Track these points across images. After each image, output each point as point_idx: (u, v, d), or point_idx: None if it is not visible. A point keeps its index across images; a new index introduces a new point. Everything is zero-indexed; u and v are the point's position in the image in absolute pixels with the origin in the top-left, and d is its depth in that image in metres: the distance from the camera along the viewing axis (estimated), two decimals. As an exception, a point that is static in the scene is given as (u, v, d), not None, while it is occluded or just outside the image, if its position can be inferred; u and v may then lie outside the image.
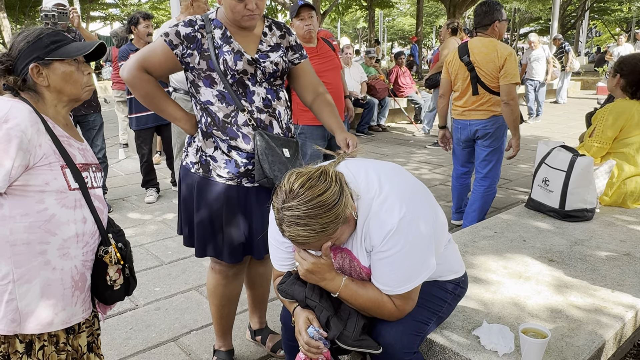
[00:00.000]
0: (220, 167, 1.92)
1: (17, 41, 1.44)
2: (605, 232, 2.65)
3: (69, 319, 1.49)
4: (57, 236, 1.44)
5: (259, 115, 1.91)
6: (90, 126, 4.29)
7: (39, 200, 1.41)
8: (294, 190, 1.34)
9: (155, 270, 3.29)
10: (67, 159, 1.46)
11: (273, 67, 1.93)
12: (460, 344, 1.67)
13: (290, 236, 1.37)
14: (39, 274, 1.42)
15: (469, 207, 3.71)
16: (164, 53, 1.86)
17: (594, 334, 1.72)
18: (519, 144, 3.51)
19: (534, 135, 7.90)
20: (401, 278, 1.45)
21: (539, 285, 2.09)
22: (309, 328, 1.50)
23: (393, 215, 1.40)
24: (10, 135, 1.33)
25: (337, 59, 3.67)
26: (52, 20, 3.81)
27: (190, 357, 2.36)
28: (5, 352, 1.46)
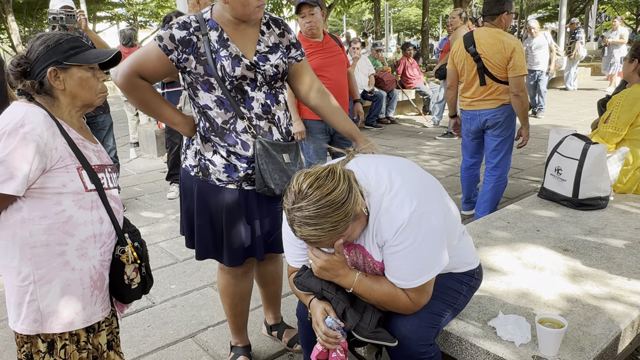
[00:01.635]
0: (219, 172, 1.88)
1: (35, 45, 1.45)
2: (619, 220, 2.63)
3: (89, 318, 1.52)
4: (75, 237, 1.46)
5: (258, 122, 1.87)
6: (100, 127, 4.33)
7: (56, 202, 1.43)
8: (302, 190, 1.35)
9: (170, 268, 3.33)
10: (83, 161, 1.48)
11: (273, 69, 1.88)
12: (477, 335, 1.68)
13: (302, 236, 1.38)
14: (58, 274, 1.45)
15: (480, 197, 3.70)
16: (159, 59, 1.79)
17: (611, 323, 1.72)
18: (528, 133, 3.52)
19: (546, 123, 7.84)
20: (414, 271, 1.46)
21: (553, 275, 2.08)
22: (326, 318, 1.51)
23: (404, 210, 1.41)
24: (27, 139, 1.35)
25: (343, 55, 3.65)
26: (60, 22, 3.83)
27: (208, 353, 2.38)
28: (28, 352, 1.50)
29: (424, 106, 9.40)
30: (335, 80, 3.53)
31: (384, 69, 8.83)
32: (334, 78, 3.52)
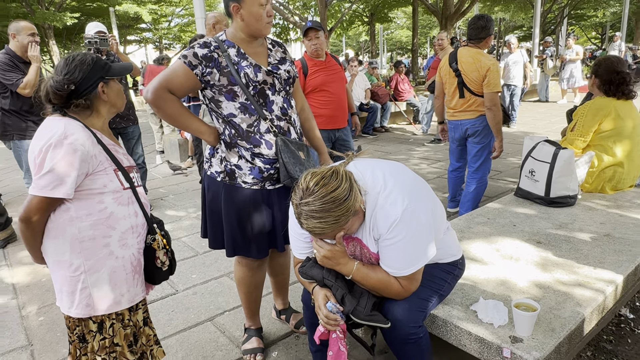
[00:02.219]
0: (245, 174, 1.88)
1: (74, 66, 1.43)
2: (586, 216, 2.62)
3: (132, 298, 1.56)
4: (116, 230, 1.49)
5: (278, 122, 1.89)
6: (130, 136, 4.34)
7: (99, 201, 1.46)
8: (309, 188, 1.35)
9: (191, 260, 3.33)
10: (117, 163, 1.51)
11: (286, 74, 1.93)
12: (460, 318, 1.67)
13: (308, 228, 1.38)
14: (105, 263, 1.48)
15: (464, 196, 3.69)
16: (185, 74, 1.79)
17: (579, 307, 1.71)
18: (502, 145, 3.47)
19: (521, 131, 7.80)
20: (405, 261, 1.46)
21: (528, 265, 2.07)
22: (327, 303, 1.51)
23: (397, 207, 1.41)
24: (72, 148, 1.37)
25: (342, 73, 3.65)
26: (95, 46, 3.84)
27: (225, 335, 2.38)
28: (80, 333, 1.53)
29: (413, 116, 9.37)
30: (336, 95, 3.53)
31: (378, 84, 8.82)
32: (335, 92, 3.52)
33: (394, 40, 42.63)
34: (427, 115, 8.09)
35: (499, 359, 1.52)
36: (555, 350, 1.50)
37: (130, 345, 1.58)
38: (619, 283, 1.90)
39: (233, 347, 2.27)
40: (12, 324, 2.59)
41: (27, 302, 2.84)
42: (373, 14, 20.96)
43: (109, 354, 1.53)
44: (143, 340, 1.65)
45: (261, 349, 2.17)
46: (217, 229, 1.99)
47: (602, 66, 2.90)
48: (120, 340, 1.55)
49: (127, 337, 1.57)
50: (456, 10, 13.42)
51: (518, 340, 1.52)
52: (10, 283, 3.11)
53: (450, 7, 13.43)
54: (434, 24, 32.75)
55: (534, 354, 1.45)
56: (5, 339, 2.45)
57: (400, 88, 9.06)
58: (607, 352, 2.16)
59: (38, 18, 14.79)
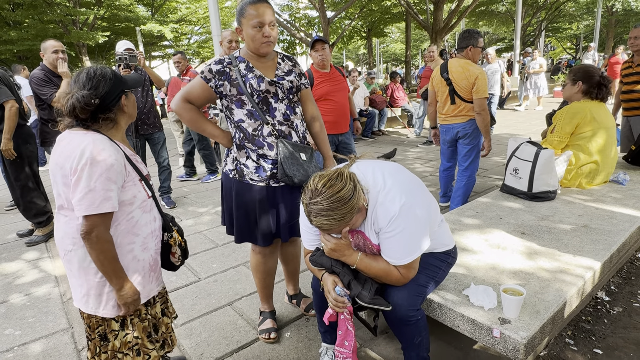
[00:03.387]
0: (251, 173, 1.90)
1: (97, 81, 1.34)
2: (566, 209, 2.59)
3: (147, 294, 1.51)
4: (139, 236, 1.43)
5: (280, 127, 1.89)
6: (156, 142, 4.35)
7: (128, 212, 1.39)
8: (318, 189, 1.34)
9: (212, 251, 3.33)
10: (140, 173, 1.44)
11: (289, 84, 1.92)
12: (454, 302, 1.66)
13: (317, 224, 1.38)
14: (128, 267, 1.41)
15: (454, 193, 3.66)
16: (201, 86, 1.86)
17: (561, 291, 1.70)
18: (490, 145, 3.45)
19: (505, 133, 7.74)
20: (404, 252, 1.45)
21: (514, 254, 2.06)
22: (335, 288, 1.51)
23: (395, 204, 1.40)
24: (109, 164, 1.29)
25: (345, 83, 3.64)
26: (125, 62, 3.84)
27: (243, 318, 2.38)
28: (102, 332, 1.46)
29: (408, 121, 9.34)
30: (340, 103, 3.52)
31: (374, 90, 8.78)
32: (339, 101, 3.51)
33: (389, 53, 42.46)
34: (419, 120, 8.05)
35: (489, 339, 1.51)
36: (540, 330, 1.49)
37: (149, 336, 1.54)
38: (596, 269, 1.88)
39: (250, 329, 2.27)
40: (55, 309, 2.61)
41: (67, 290, 2.85)
42: (370, 29, 20.88)
43: (132, 348, 1.48)
44: (163, 329, 1.62)
45: (275, 329, 2.17)
46: (231, 218, 2.02)
47: (581, 73, 2.87)
48: (139, 333, 1.50)
49: (145, 329, 1.53)
50: (445, 25, 13.34)
51: (506, 322, 1.50)
52: (52, 273, 3.13)
53: (440, 23, 13.35)
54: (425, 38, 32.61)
55: (521, 334, 1.44)
56: (49, 322, 2.46)
57: (396, 95, 9.04)
58: (585, 331, 2.14)
59: (73, 37, 14.88)
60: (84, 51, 16.28)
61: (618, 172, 3.11)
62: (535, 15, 23.19)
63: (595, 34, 19.27)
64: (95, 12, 15.54)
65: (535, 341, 1.47)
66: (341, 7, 14.19)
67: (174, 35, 20.22)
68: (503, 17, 23.89)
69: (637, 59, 3.68)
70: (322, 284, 1.59)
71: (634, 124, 3.75)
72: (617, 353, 1.97)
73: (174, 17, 20.21)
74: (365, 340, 2.09)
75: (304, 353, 2.05)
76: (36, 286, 2.92)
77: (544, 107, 10.42)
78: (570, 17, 25.93)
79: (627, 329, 2.14)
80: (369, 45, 23.01)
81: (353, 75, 7.60)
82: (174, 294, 2.68)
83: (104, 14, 16.46)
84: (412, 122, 8.84)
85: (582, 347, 2.03)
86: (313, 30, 17.23)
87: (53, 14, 14.12)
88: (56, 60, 3.50)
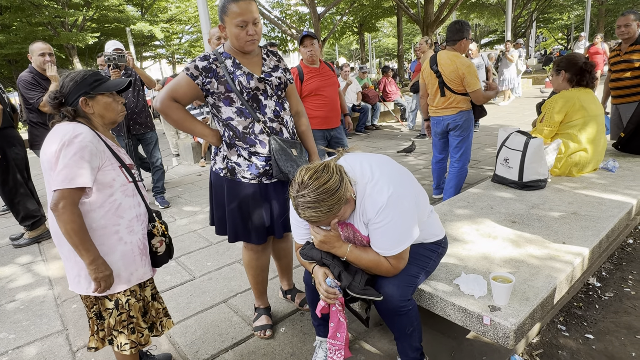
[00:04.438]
0: (244, 170, 1.88)
1: (66, 81, 1.49)
2: (556, 197, 2.61)
3: (141, 276, 1.59)
4: (124, 218, 1.51)
5: (271, 124, 1.88)
6: (148, 142, 4.33)
7: (110, 194, 1.47)
8: (304, 181, 1.35)
9: (206, 249, 3.33)
10: (120, 161, 1.53)
11: (277, 80, 1.90)
12: (445, 291, 1.67)
13: (305, 217, 1.38)
14: (116, 248, 1.50)
15: (447, 184, 3.68)
16: (188, 84, 1.81)
17: (550, 277, 1.71)
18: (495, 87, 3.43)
19: (497, 123, 7.77)
20: (393, 242, 1.46)
21: (504, 242, 2.07)
22: (326, 279, 1.51)
23: (383, 195, 1.41)
24: (82, 144, 1.39)
25: (335, 78, 3.63)
26: (114, 62, 3.82)
27: (238, 314, 2.39)
28: (97, 311, 1.56)
29: (401, 114, 9.35)
30: (330, 98, 3.51)
31: (366, 84, 8.77)
32: (329, 96, 3.50)
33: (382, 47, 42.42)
34: (412, 113, 8.06)
35: (480, 326, 1.52)
36: (529, 317, 1.50)
37: (143, 316, 1.63)
38: (585, 255, 1.90)
39: (245, 325, 2.27)
40: (49, 311, 2.60)
41: (61, 292, 2.84)
42: (362, 24, 20.84)
43: (127, 327, 1.57)
44: (152, 312, 1.69)
45: (270, 325, 2.18)
46: (221, 217, 2.00)
47: (564, 62, 2.89)
48: (135, 313, 1.59)
49: (140, 309, 1.62)
50: (436, 18, 13.33)
51: (496, 309, 1.52)
52: (46, 276, 3.12)
53: (430, 16, 13.35)
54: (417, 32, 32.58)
55: (511, 320, 1.45)
56: (44, 325, 2.45)
57: (388, 90, 9.04)
58: (577, 317, 2.16)
59: (62, 39, 14.74)
60: (74, 53, 16.14)
61: (608, 159, 3.13)
62: (526, 6, 23.23)
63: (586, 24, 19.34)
64: (84, 13, 15.39)
65: (525, 327, 1.48)
66: (331, 3, 14.14)
67: (165, 34, 20.09)
68: (494, 8, 23.92)
69: (624, 47, 3.70)
70: (313, 277, 1.60)
71: (623, 112, 3.77)
72: (608, 337, 1.99)
73: (164, 17, 20.06)
74: (359, 333, 2.10)
75: (299, 347, 2.06)
76: (30, 289, 2.91)
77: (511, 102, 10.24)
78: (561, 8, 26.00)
79: (618, 313, 2.17)
80: (361, 40, 22.97)
81: (345, 70, 7.59)
82: (168, 293, 2.68)
83: (93, 15, 16.32)
84: (405, 115, 8.86)
85: (574, 332, 2.05)
86: (304, 26, 17.17)
87: (41, 16, 13.98)
88: (43, 63, 3.47)
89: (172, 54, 24.54)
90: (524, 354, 1.92)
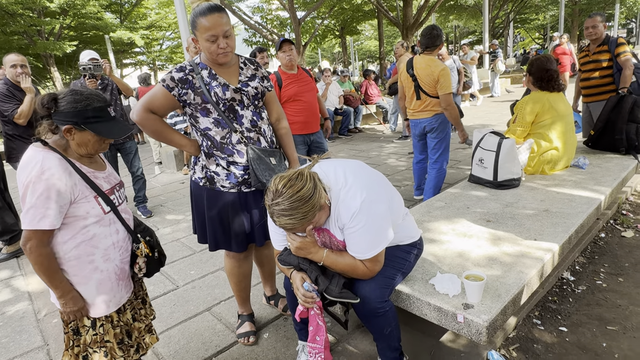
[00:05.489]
0: (222, 180, 1.89)
1: (67, 99, 1.39)
2: (529, 195, 2.69)
3: (118, 301, 1.55)
4: (99, 248, 1.47)
5: (248, 134, 1.89)
6: (128, 151, 4.29)
7: (83, 226, 1.43)
8: (278, 190, 1.37)
9: (189, 257, 3.32)
10: (97, 190, 1.46)
11: (254, 90, 1.90)
12: (421, 291, 1.71)
13: (280, 224, 1.41)
14: (91, 277, 1.46)
15: (426, 185, 3.74)
16: (164, 95, 1.81)
17: (521, 273, 1.77)
18: (464, 133, 3.55)
19: (477, 124, 7.92)
20: (368, 246, 1.50)
21: (479, 241, 2.13)
22: (304, 284, 1.54)
23: (356, 200, 1.44)
24: (50, 184, 1.33)
25: (313, 83, 3.67)
26: (89, 72, 3.78)
27: (222, 322, 2.39)
28: (75, 327, 1.53)
29: (383, 117, 9.45)
30: (309, 103, 3.54)
31: (347, 88, 8.84)
32: (308, 101, 3.53)
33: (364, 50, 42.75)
34: (393, 116, 8.16)
35: (455, 324, 1.57)
36: (501, 312, 1.55)
37: (120, 343, 1.57)
38: (555, 251, 1.97)
39: (229, 333, 2.28)
40: (29, 327, 2.56)
41: (41, 307, 2.80)
42: (343, 27, 20.99)
43: (100, 348, 1.53)
44: (135, 334, 1.65)
45: (253, 332, 2.19)
46: (203, 226, 2.00)
47: (534, 66, 2.99)
48: (110, 338, 1.54)
49: (117, 335, 1.56)
50: (415, 21, 13.54)
51: (469, 307, 1.57)
52: (26, 291, 3.07)
53: (410, 19, 13.55)
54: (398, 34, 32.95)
55: (483, 317, 1.50)
56: (24, 341, 2.42)
57: (370, 92, 9.14)
58: (552, 311, 2.24)
59: (39, 48, 14.47)
60: (52, 62, 15.85)
61: (578, 156, 3.24)
62: (503, 7, 23.75)
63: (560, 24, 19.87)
64: (61, 22, 15.14)
65: (497, 323, 1.54)
66: (311, 7, 14.22)
67: (145, 41, 19.87)
68: (472, 10, 24.38)
69: (592, 48, 3.84)
70: (291, 282, 1.62)
71: (594, 110, 3.91)
72: (580, 329, 2.07)
73: (144, 24, 19.85)
74: (341, 335, 2.13)
75: (283, 352, 2.08)
76: (9, 305, 2.86)
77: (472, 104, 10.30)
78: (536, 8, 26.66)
79: (590, 305, 2.25)
80: (343, 44, 23.13)
81: (326, 74, 7.65)
82: (152, 303, 2.66)
83: (71, 23, 16.05)
84: (387, 118, 8.96)
85: (548, 326, 2.12)
86: (285, 31, 17.22)
87: (16, 24, 13.69)
88: (16, 75, 3.42)
89: (153, 60, 24.30)
90: (501, 349, 1.98)
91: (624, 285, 2.39)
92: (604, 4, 23.65)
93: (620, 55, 3.59)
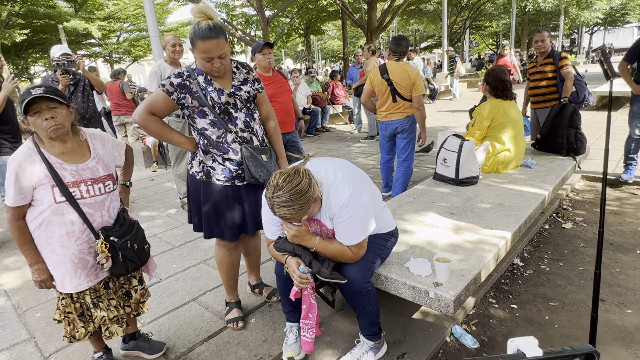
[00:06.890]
0: (218, 174, 2.04)
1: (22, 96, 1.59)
2: (486, 191, 3.01)
3: (76, 287, 1.73)
4: (54, 233, 1.65)
5: (242, 134, 2.04)
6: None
7: (40, 211, 1.63)
8: (279, 184, 1.56)
9: (169, 252, 3.40)
10: (57, 179, 1.60)
11: (246, 94, 2.05)
12: (397, 274, 1.95)
13: (280, 215, 1.60)
14: (50, 256, 1.68)
15: (394, 182, 4.02)
16: (164, 99, 1.95)
17: (480, 257, 2.06)
18: (426, 136, 3.87)
19: (439, 125, 8.39)
20: (354, 233, 1.71)
21: (445, 231, 2.40)
22: (299, 267, 1.73)
23: (345, 193, 1.65)
24: (12, 167, 1.57)
25: (288, 85, 3.84)
26: (62, 67, 3.74)
27: (209, 310, 2.52)
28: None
29: (349, 117, 9.77)
30: (284, 104, 3.71)
31: (316, 91, 9.08)
32: (283, 102, 3.70)
33: (327, 49, 43.16)
34: (356, 117, 8.49)
35: (427, 300, 1.83)
36: (465, 289, 1.83)
37: (81, 315, 1.79)
38: (508, 238, 2.29)
39: (217, 319, 2.43)
40: (11, 321, 2.58)
41: (20, 302, 2.81)
42: (308, 27, 21.18)
43: (64, 318, 1.80)
44: (97, 320, 1.81)
45: (241, 317, 2.35)
46: (199, 216, 2.15)
47: (491, 76, 3.34)
48: (71, 309, 1.78)
49: (77, 309, 1.78)
50: (379, 24, 13.97)
51: (439, 285, 1.83)
52: (2, 288, 3.04)
53: (374, 22, 13.96)
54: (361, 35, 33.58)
55: (450, 293, 1.77)
56: (8, 335, 2.44)
57: (336, 93, 9.41)
58: (504, 291, 2.57)
59: (-15, 36, 13.54)
60: (-1, 51, 14.85)
61: (527, 157, 3.65)
62: (460, 14, 24.89)
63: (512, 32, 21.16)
64: (9, 9, 14.24)
65: (462, 298, 1.81)
66: (280, 7, 14.29)
67: (102, 32, 19.05)
68: (431, 15, 25.37)
69: (540, 59, 4.30)
70: (285, 267, 1.81)
71: (540, 115, 4.37)
72: (528, 306, 2.41)
73: (101, 14, 19.02)
74: (324, 318, 2.35)
75: (270, 334, 2.27)
76: (-15, 302, 2.84)
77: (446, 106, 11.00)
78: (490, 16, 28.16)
79: (536, 286, 2.61)
80: (307, 43, 23.32)
81: (295, 74, 7.82)
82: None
83: (20, 10, 15.12)
84: (353, 118, 9.27)
85: (502, 304, 2.45)
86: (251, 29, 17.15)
87: (-42, 10, 12.75)
88: None
89: (110, 53, 23.29)
90: (462, 324, 2.27)
91: (563, 269, 2.78)
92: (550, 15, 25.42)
93: (562, 67, 4.06)
